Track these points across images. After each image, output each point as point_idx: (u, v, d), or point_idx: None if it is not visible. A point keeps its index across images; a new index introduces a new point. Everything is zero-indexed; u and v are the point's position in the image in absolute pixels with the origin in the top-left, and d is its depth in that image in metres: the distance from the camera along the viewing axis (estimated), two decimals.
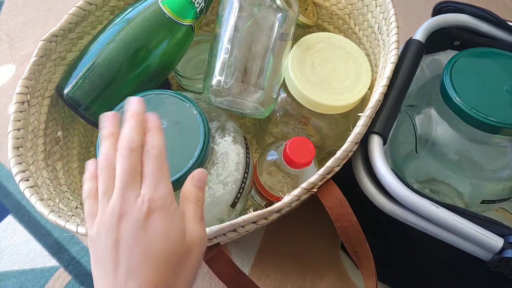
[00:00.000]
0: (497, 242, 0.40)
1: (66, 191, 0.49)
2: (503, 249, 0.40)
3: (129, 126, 0.35)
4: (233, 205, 0.49)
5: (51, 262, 0.60)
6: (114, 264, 0.32)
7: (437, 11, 0.58)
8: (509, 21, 0.54)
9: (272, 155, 0.53)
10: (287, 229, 0.62)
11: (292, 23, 0.52)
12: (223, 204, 0.48)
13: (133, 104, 0.37)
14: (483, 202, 0.51)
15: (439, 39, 0.55)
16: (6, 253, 0.60)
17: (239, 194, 0.50)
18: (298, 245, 0.61)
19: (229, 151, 0.49)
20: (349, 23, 0.59)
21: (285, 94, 0.54)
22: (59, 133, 0.52)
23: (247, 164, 0.51)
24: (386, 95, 0.46)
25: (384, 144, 0.45)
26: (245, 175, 0.50)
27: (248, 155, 0.51)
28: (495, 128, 0.46)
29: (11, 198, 0.63)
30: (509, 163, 0.50)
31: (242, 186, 0.50)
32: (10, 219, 0.62)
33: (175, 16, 0.51)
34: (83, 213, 0.48)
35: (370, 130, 0.45)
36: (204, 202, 0.36)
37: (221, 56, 0.49)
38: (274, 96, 0.52)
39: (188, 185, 0.36)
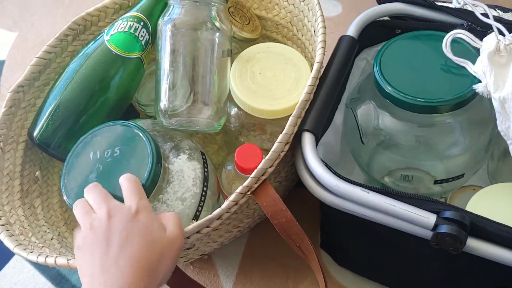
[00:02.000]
0: (429, 219, 0.40)
1: (43, 225, 0.53)
2: (436, 225, 0.40)
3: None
4: (195, 218, 0.52)
5: None
6: (106, 247, 0.38)
7: (383, 1, 0.59)
8: (437, 1, 0.54)
9: (230, 166, 0.56)
10: (268, 231, 0.64)
11: (228, 39, 0.55)
12: (184, 219, 0.51)
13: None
14: (437, 182, 0.51)
15: (379, 31, 0.56)
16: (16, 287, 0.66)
17: (200, 207, 0.52)
18: (279, 245, 0.63)
19: (185, 168, 0.52)
20: (292, 30, 0.61)
21: (236, 107, 0.56)
22: (37, 173, 0.57)
23: (205, 178, 0.53)
24: (316, 93, 0.48)
25: (317, 140, 0.47)
26: (204, 189, 0.53)
27: (206, 170, 0.54)
28: (432, 108, 0.47)
29: None
30: (457, 139, 0.50)
31: (202, 199, 0.53)
32: (17, 257, 0.68)
33: (122, 51, 0.55)
34: (58, 242, 0.52)
35: (301, 128, 0.46)
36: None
37: (163, 81, 0.53)
38: (225, 109, 0.55)
39: None
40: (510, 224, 0.41)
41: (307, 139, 0.46)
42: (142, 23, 0.56)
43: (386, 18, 0.57)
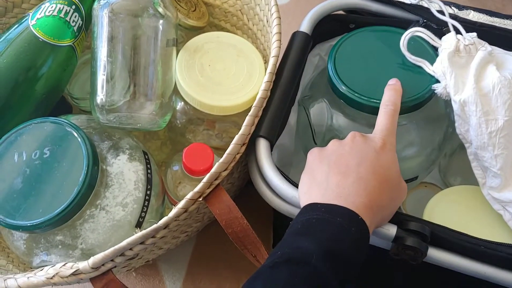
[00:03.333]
0: (390, 230, 0.39)
1: None
2: (397, 237, 0.39)
3: None
4: (139, 225, 0.47)
5: None
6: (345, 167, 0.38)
7: None
8: None
9: (176, 166, 0.52)
10: (218, 232, 0.60)
11: (174, 27, 0.50)
12: (126, 226, 0.46)
13: None
14: None
15: (332, 25, 0.54)
16: None
17: (143, 213, 0.48)
18: (230, 248, 0.59)
19: (125, 170, 0.47)
20: (242, 19, 0.57)
21: (182, 102, 0.52)
22: None
23: (148, 180, 0.49)
24: (271, 94, 0.45)
25: (271, 146, 0.44)
26: (148, 192, 0.48)
27: (149, 171, 0.49)
28: None
29: None
30: (413, 140, 0.48)
31: (146, 204, 0.48)
32: None
33: (50, 38, 0.48)
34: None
35: (256, 134, 0.43)
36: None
37: (100, 73, 0.47)
38: (170, 104, 0.50)
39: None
40: (466, 229, 0.41)
41: (262, 145, 0.43)
42: (73, 6, 0.50)
43: (341, 12, 0.55)
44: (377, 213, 0.37)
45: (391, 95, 0.43)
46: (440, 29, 0.50)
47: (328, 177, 0.38)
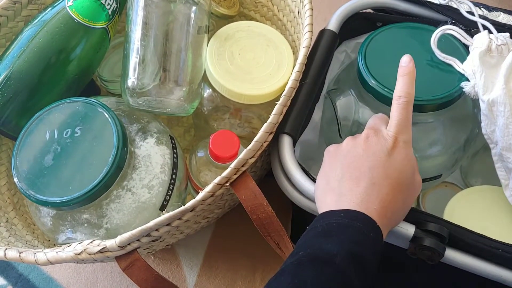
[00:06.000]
0: (408, 230, 0.39)
1: None
2: (415, 237, 0.39)
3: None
4: (162, 208, 0.48)
5: None
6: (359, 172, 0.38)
7: None
8: None
9: (201, 152, 0.52)
10: (236, 221, 0.61)
11: (206, 14, 0.50)
12: (150, 208, 0.47)
13: None
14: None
15: (360, 23, 0.54)
16: None
17: (167, 196, 0.48)
18: (248, 237, 0.60)
19: (152, 153, 0.48)
20: (272, 9, 0.57)
21: (210, 89, 0.52)
22: None
23: (174, 165, 0.49)
24: (297, 91, 0.45)
25: (294, 142, 0.44)
26: (173, 176, 0.49)
27: (175, 155, 0.50)
28: (416, 107, 0.44)
29: None
30: (438, 138, 0.49)
31: (171, 187, 0.49)
32: None
33: (85, 20, 0.49)
34: (6, 230, 0.47)
35: (280, 130, 0.44)
36: None
37: (133, 56, 0.48)
38: (199, 91, 0.51)
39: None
40: (486, 230, 0.41)
41: (286, 142, 0.44)
42: None
43: (369, 10, 0.55)
44: (391, 218, 0.37)
45: (404, 84, 0.41)
46: (468, 31, 0.49)
47: (341, 182, 0.38)
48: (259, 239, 0.57)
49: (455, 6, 0.51)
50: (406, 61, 0.42)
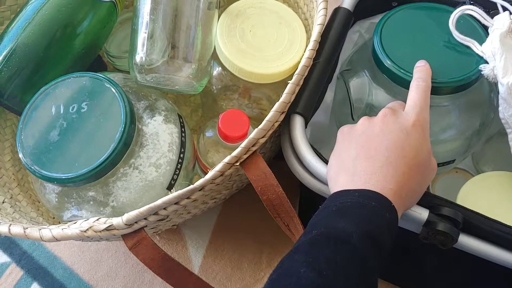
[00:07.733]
0: (422, 214, 0.38)
1: None
2: (429, 221, 0.38)
3: None
4: (170, 187, 0.47)
5: (2, 258, 0.59)
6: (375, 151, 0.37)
7: None
8: None
9: (210, 132, 0.51)
10: (242, 203, 0.60)
11: None
12: (157, 187, 0.46)
13: None
14: None
15: (375, 2, 0.52)
16: None
17: (175, 176, 0.47)
18: (255, 219, 0.59)
19: (160, 131, 0.47)
20: None
21: (220, 67, 0.51)
22: None
23: (182, 144, 0.48)
24: (310, 70, 0.44)
25: (306, 123, 0.43)
26: (181, 155, 0.48)
27: (183, 134, 0.49)
28: (433, 89, 0.43)
29: None
30: (453, 122, 0.47)
31: (178, 166, 0.48)
32: None
33: None
34: (10, 206, 0.46)
35: (292, 110, 0.42)
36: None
37: (141, 31, 0.46)
38: (208, 69, 0.50)
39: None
40: (499, 216, 0.40)
41: (297, 122, 0.42)
42: None
43: None
44: (406, 199, 0.36)
45: (422, 73, 0.41)
46: (487, 12, 0.48)
47: (355, 161, 0.37)
48: (266, 221, 0.56)
49: None
50: (422, 62, 0.43)
